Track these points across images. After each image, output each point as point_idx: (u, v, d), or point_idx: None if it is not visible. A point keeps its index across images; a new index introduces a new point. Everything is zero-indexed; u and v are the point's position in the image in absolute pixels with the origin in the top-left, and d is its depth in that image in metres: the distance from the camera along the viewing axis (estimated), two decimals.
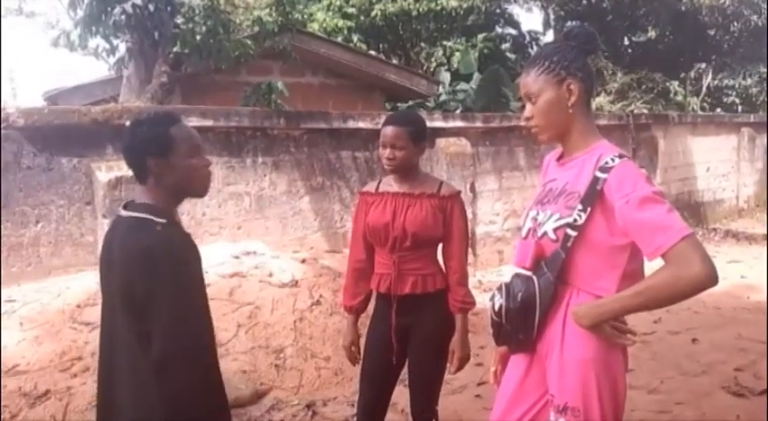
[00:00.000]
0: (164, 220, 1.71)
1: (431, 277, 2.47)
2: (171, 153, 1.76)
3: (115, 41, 6.04)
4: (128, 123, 1.83)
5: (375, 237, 2.49)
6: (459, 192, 2.56)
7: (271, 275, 4.59)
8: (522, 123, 1.85)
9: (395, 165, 2.43)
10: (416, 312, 2.47)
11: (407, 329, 2.50)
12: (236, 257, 4.64)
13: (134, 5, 5.43)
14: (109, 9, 5.52)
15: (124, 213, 1.77)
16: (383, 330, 2.51)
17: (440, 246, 2.53)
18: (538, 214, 1.78)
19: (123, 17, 5.44)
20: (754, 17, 13.62)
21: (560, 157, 1.86)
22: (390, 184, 2.52)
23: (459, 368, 2.51)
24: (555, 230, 1.70)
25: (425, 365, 2.50)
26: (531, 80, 1.76)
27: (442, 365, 2.53)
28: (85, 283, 4.29)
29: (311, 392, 3.92)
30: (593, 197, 1.65)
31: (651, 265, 1.59)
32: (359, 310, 2.63)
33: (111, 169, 4.80)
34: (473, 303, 2.52)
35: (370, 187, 2.59)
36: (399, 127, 2.42)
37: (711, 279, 1.49)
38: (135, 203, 1.80)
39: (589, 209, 1.65)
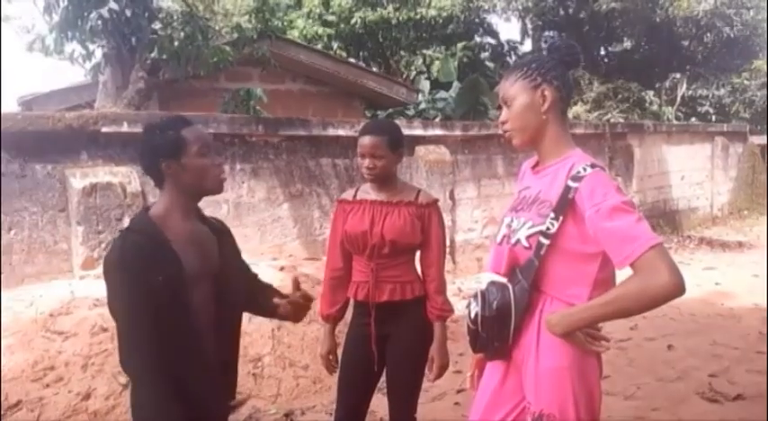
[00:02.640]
0: (126, 228, 1.77)
1: (409, 285, 2.47)
2: (183, 154, 1.78)
3: (91, 46, 5.98)
4: (142, 131, 1.87)
5: (353, 245, 2.49)
6: (436, 201, 2.56)
7: None
8: (501, 131, 1.87)
9: (375, 175, 2.44)
10: (394, 320, 2.46)
11: (386, 337, 2.49)
12: None
13: (111, 10, 5.38)
14: (85, 14, 5.46)
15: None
16: (361, 338, 2.50)
17: (417, 254, 2.54)
18: (512, 221, 1.81)
19: (100, 22, 5.39)
20: (727, 29, 13.92)
21: (535, 165, 1.89)
22: (368, 192, 2.52)
23: (438, 376, 2.51)
24: (528, 238, 1.72)
25: (404, 373, 2.50)
26: (509, 85, 1.80)
27: (420, 373, 2.52)
28: (59, 292, 4.22)
29: (289, 401, 3.88)
30: (565, 206, 1.67)
31: (623, 273, 1.61)
32: (336, 319, 2.62)
33: (85, 176, 4.73)
34: (451, 311, 2.52)
35: (348, 195, 2.58)
36: (377, 136, 2.42)
37: (679, 288, 1.51)
38: (143, 209, 1.86)
39: (561, 217, 1.67)
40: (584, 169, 1.67)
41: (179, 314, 1.74)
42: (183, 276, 1.75)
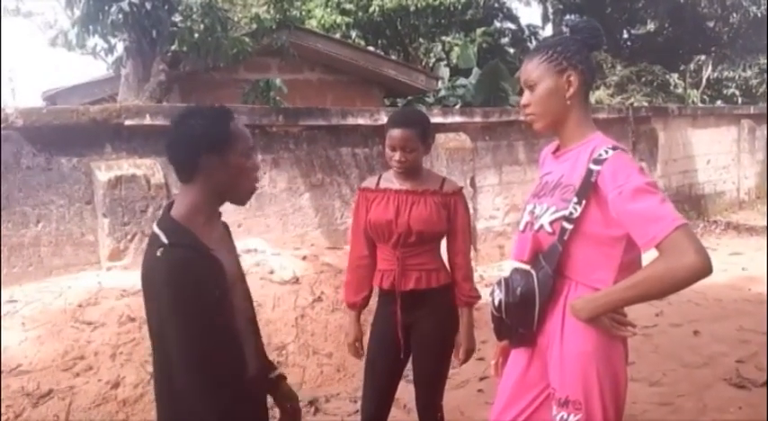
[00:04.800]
0: (166, 241, 1.56)
1: (434, 272, 2.47)
2: (228, 151, 1.61)
3: (113, 40, 6.03)
4: (176, 116, 1.68)
5: (377, 234, 2.48)
6: (461, 189, 2.56)
7: (272, 273, 4.59)
8: (521, 117, 1.86)
9: (405, 168, 2.43)
10: (420, 308, 2.47)
11: (411, 325, 2.50)
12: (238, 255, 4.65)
13: (131, 4, 5.41)
14: (106, 8, 5.51)
15: (155, 226, 1.64)
16: (388, 327, 2.51)
17: (443, 242, 2.54)
18: (535, 207, 1.79)
19: (121, 16, 5.43)
20: (753, 8, 13.60)
21: (556, 150, 1.87)
22: (391, 181, 2.51)
23: (465, 360, 2.53)
24: (551, 223, 1.71)
25: (430, 361, 2.51)
26: (532, 68, 1.77)
27: (445, 361, 2.54)
28: (87, 283, 4.30)
29: (314, 389, 3.92)
30: (588, 189, 1.65)
31: (649, 255, 1.59)
32: (362, 307, 2.63)
33: (110, 168, 4.80)
34: (478, 297, 2.54)
35: (370, 183, 2.57)
36: (408, 129, 2.40)
37: (705, 268, 1.48)
38: (166, 212, 1.66)
39: (584, 201, 1.65)
40: (606, 152, 1.65)
41: (229, 326, 1.63)
42: (228, 286, 1.64)
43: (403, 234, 2.41)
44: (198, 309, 1.52)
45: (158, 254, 1.55)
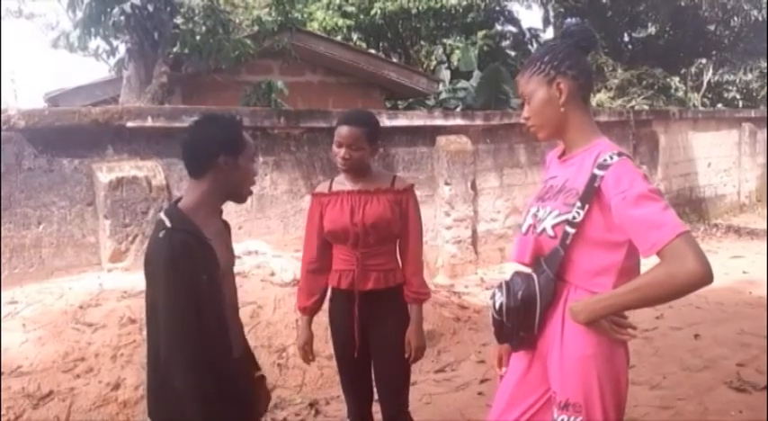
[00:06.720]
0: (169, 225, 1.72)
1: (392, 272, 2.51)
2: (242, 154, 1.84)
3: (115, 42, 6.04)
4: (198, 119, 1.92)
5: (335, 237, 2.51)
6: (412, 186, 2.59)
7: (272, 274, 4.60)
8: (522, 120, 1.88)
9: (349, 165, 2.46)
10: (378, 307, 2.50)
11: (370, 323, 2.52)
12: (238, 257, 4.63)
13: (133, 6, 5.42)
14: (108, 10, 5.51)
15: (161, 213, 1.82)
16: (348, 326, 2.52)
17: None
18: (538, 210, 1.80)
19: (122, 18, 5.44)
20: (755, 12, 13.60)
21: (562, 154, 1.88)
22: (343, 183, 2.54)
23: (416, 359, 2.53)
24: (554, 227, 1.72)
25: (392, 363, 2.52)
26: (525, 81, 1.81)
27: (408, 361, 2.55)
28: (88, 284, 4.31)
29: (314, 391, 3.93)
30: (591, 194, 1.66)
31: (647, 262, 1.60)
32: (314, 311, 2.65)
33: (112, 170, 4.80)
34: (427, 294, 2.57)
35: (323, 188, 2.60)
36: (356, 128, 2.44)
37: (706, 276, 1.48)
38: (173, 203, 1.84)
39: (587, 206, 1.66)
40: (611, 157, 1.66)
41: (217, 309, 1.77)
42: (219, 274, 1.79)
43: (360, 233, 2.44)
44: (191, 288, 1.68)
45: (161, 235, 1.72)
